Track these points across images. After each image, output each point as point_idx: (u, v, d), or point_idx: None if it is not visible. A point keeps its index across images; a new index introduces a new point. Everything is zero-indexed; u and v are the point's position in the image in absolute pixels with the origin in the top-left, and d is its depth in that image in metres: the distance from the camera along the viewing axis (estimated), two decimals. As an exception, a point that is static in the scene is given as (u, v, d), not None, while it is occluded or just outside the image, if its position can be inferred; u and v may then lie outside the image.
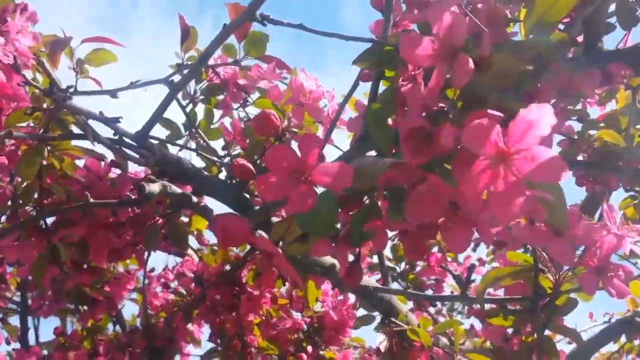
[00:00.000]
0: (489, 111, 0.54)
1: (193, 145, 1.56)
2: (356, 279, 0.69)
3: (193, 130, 1.53)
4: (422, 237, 0.62)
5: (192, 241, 1.63)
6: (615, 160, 0.97)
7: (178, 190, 1.03)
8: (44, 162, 1.07)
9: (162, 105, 1.13)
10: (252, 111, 1.46)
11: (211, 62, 1.46)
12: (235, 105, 1.41)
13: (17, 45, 0.99)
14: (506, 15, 0.72)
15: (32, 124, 1.08)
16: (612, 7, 0.91)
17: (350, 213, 0.64)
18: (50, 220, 1.16)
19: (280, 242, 0.64)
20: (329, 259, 0.96)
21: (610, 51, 0.62)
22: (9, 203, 1.11)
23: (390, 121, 0.86)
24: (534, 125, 0.50)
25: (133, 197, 0.96)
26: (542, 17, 0.63)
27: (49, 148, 1.04)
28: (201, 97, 1.53)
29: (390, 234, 0.77)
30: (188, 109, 1.52)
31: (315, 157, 0.53)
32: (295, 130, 1.16)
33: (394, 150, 0.82)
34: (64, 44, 1.67)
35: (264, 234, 0.59)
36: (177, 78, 1.55)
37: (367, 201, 0.67)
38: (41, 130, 0.99)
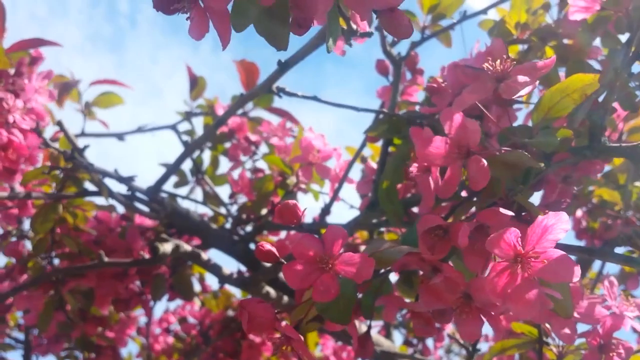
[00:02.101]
0: (501, 209, 0.58)
1: (199, 191, 1.59)
2: (368, 350, 0.72)
3: (200, 176, 1.57)
4: (435, 320, 0.64)
5: (195, 283, 1.65)
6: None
7: (188, 248, 1.05)
8: (57, 215, 1.09)
9: (175, 163, 1.16)
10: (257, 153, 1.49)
11: (220, 112, 1.50)
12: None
13: (34, 105, 1.01)
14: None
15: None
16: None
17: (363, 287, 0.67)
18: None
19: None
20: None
21: (613, 146, 0.65)
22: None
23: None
24: (549, 230, 0.53)
25: (146, 256, 0.98)
26: (549, 112, 0.66)
27: (63, 203, 1.06)
28: (208, 145, 1.56)
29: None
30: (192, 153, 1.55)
31: (339, 247, 0.56)
32: (303, 186, 1.20)
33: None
34: (72, 86, 1.71)
35: (286, 321, 0.62)
36: (184, 125, 1.60)
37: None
38: (58, 188, 1.01)
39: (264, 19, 0.48)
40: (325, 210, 1.15)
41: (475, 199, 0.68)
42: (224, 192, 1.76)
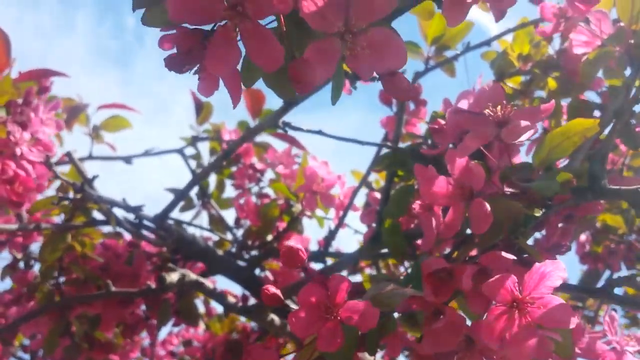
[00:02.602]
0: (503, 254, 0.59)
1: (205, 214, 1.60)
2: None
3: (205, 199, 1.58)
4: (437, 360, 0.65)
5: (199, 305, 1.66)
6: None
7: (194, 277, 1.06)
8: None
9: (182, 191, 1.18)
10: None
11: (226, 137, 1.51)
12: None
13: (41, 137, 1.03)
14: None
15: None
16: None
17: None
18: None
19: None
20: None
21: (613, 189, 0.66)
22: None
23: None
24: (546, 276, 0.54)
25: (153, 286, 1.00)
26: (550, 153, 0.67)
27: (72, 233, 1.08)
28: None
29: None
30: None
31: (343, 295, 0.57)
32: (308, 213, 1.21)
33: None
34: (80, 111, 1.72)
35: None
36: (190, 150, 1.61)
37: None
38: (67, 218, 1.03)
39: (271, 76, 0.50)
40: (330, 237, 1.16)
41: (477, 239, 0.68)
42: (229, 215, 1.77)
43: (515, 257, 0.59)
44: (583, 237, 1.40)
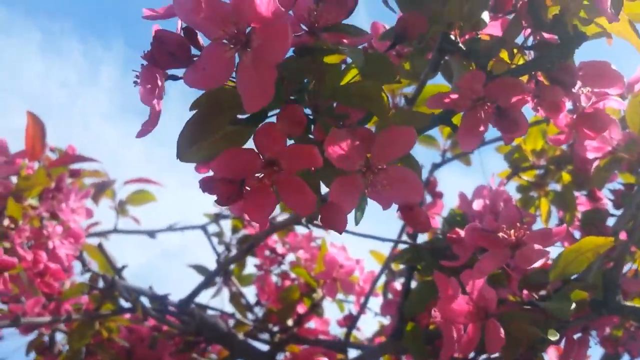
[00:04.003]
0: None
1: (226, 291, 1.63)
2: None
3: (226, 276, 1.61)
4: None
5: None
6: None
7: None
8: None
9: (207, 279, 1.21)
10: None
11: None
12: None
13: (72, 226, 1.08)
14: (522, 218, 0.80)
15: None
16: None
17: None
18: None
19: None
20: None
21: (628, 306, 0.69)
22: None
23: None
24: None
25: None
26: (565, 269, 0.70)
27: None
28: (236, 245, 1.62)
29: None
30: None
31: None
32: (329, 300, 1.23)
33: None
34: (107, 186, 1.78)
35: None
36: (212, 227, 1.66)
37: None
38: (95, 307, 1.07)
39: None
40: (352, 325, 1.18)
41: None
42: (250, 291, 1.80)
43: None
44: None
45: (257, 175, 0.48)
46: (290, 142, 0.48)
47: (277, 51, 0.40)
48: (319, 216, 0.51)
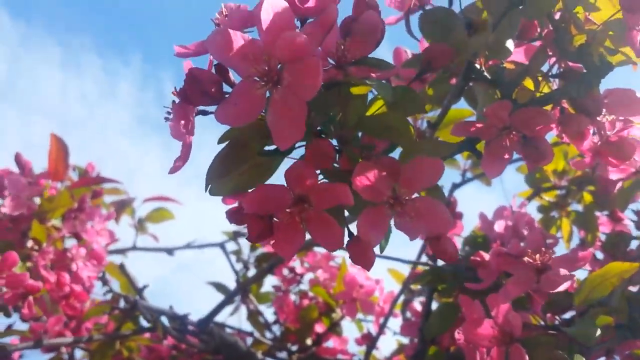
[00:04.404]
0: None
1: (244, 309, 1.63)
2: None
3: (244, 294, 1.61)
4: None
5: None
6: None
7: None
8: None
9: (227, 298, 1.22)
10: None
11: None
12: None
13: (95, 247, 1.08)
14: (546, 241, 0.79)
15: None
16: None
17: None
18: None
19: None
20: None
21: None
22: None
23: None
24: None
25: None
26: (590, 293, 0.70)
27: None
28: (254, 263, 1.62)
29: None
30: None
31: None
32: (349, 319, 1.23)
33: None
34: (127, 204, 1.79)
35: None
36: (231, 244, 1.66)
37: None
38: (116, 327, 1.07)
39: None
40: (371, 345, 1.18)
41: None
42: (267, 309, 1.80)
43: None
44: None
45: (287, 210, 0.48)
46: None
47: (309, 88, 0.40)
48: (348, 254, 0.51)
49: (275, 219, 0.48)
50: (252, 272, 1.64)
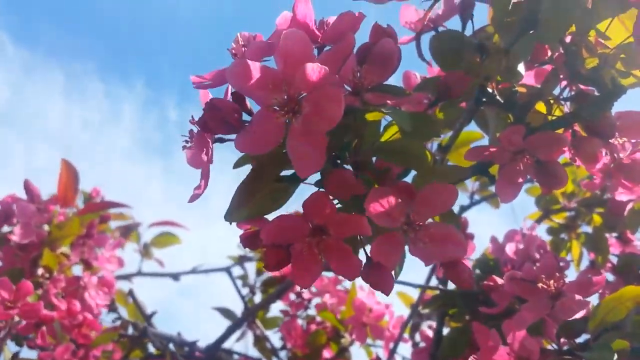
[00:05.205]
0: None
1: (250, 334, 1.62)
2: None
3: (251, 319, 1.60)
4: None
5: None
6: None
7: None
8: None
9: (234, 325, 1.21)
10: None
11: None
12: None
13: (105, 274, 1.08)
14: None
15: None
16: None
17: None
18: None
19: None
20: None
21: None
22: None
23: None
24: None
25: None
26: (605, 318, 0.69)
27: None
28: (260, 288, 1.62)
29: None
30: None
31: None
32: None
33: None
34: (132, 229, 1.79)
35: None
36: (237, 269, 1.66)
37: None
38: (125, 354, 1.07)
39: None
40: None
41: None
42: (274, 334, 1.79)
43: None
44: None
45: (305, 240, 0.48)
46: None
47: (330, 119, 0.41)
48: (367, 282, 0.51)
49: (292, 248, 0.48)
50: (258, 296, 1.63)
